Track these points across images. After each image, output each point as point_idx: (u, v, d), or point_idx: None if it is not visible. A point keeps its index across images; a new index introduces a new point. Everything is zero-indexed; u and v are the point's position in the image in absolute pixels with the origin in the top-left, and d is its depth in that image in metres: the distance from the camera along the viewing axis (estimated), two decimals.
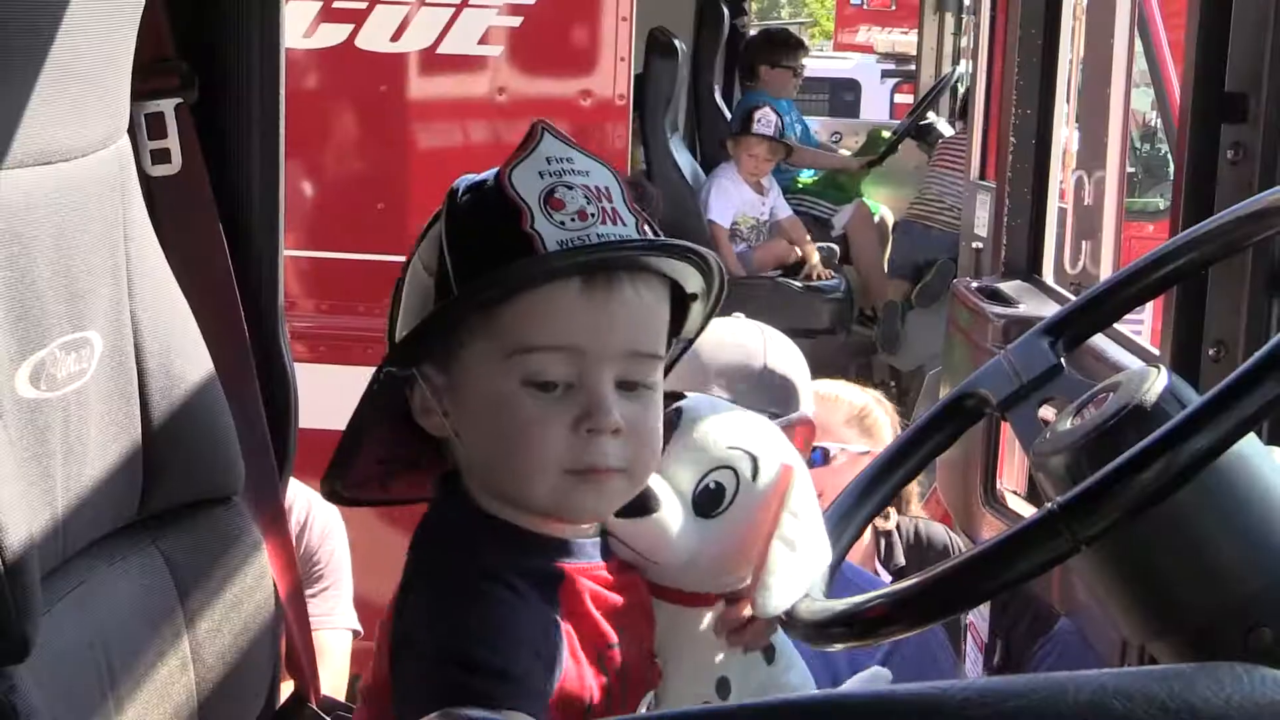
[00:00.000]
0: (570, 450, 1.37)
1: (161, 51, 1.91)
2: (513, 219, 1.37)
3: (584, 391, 1.38)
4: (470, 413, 1.40)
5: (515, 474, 1.39)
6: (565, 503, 1.39)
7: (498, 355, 1.38)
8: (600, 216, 1.39)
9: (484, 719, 0.75)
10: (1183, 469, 1.11)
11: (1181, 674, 0.76)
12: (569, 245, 1.36)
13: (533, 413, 1.37)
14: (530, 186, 1.39)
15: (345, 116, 5.13)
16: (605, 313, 1.38)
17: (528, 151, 1.41)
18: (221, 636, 1.77)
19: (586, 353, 1.37)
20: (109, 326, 1.62)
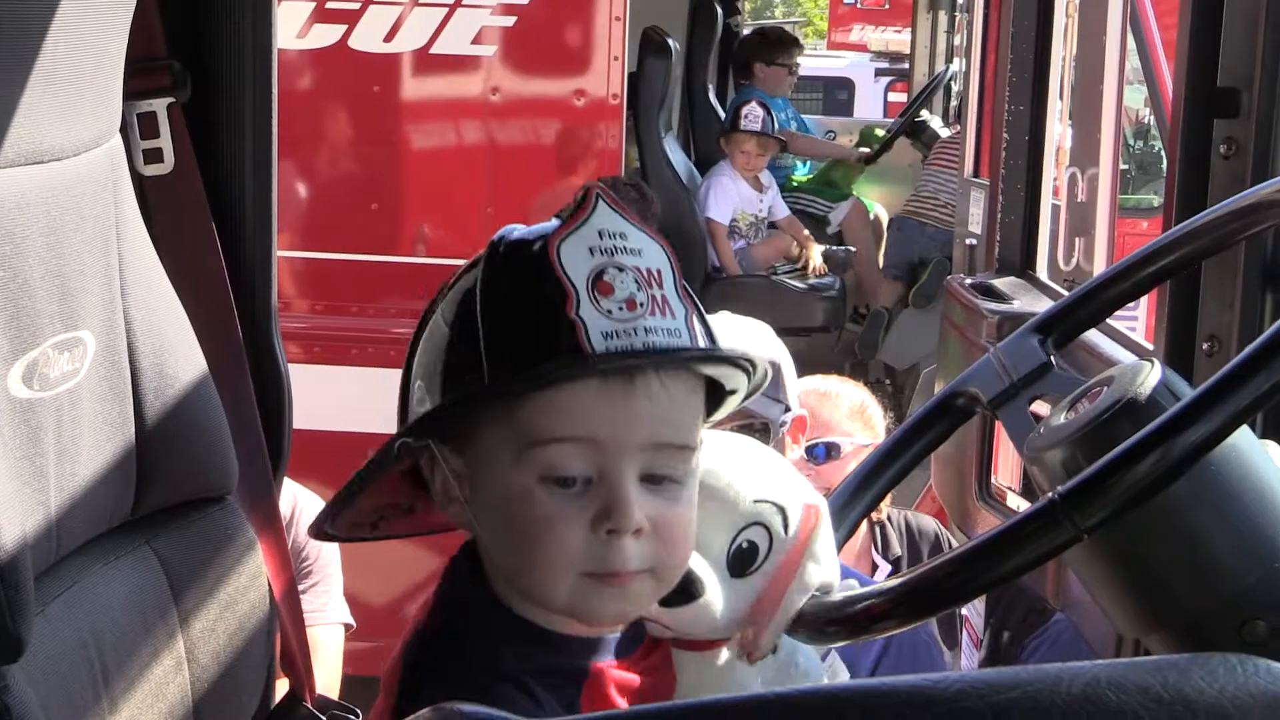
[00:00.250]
0: (589, 552, 1.28)
1: (153, 51, 1.90)
2: (557, 302, 1.26)
3: (604, 487, 1.28)
4: (486, 504, 1.32)
5: (533, 573, 1.30)
6: (586, 606, 1.30)
7: (513, 446, 1.29)
8: (649, 306, 1.29)
9: (477, 713, 0.75)
10: (1183, 456, 1.11)
11: (1175, 665, 0.76)
12: (613, 337, 1.26)
13: (549, 510, 1.28)
14: (579, 265, 1.28)
15: (338, 117, 5.13)
16: (625, 407, 1.28)
17: (579, 221, 1.30)
18: (216, 636, 1.77)
19: (606, 446, 1.28)
20: (102, 326, 1.61)
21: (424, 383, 1.34)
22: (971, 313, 2.91)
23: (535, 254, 1.29)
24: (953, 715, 0.71)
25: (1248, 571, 1.26)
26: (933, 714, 0.70)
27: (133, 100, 1.84)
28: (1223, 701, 0.74)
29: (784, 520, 1.45)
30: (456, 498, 1.33)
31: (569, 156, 5.15)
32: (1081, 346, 2.18)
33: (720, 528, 1.43)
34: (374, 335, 4.81)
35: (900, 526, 3.61)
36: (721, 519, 1.43)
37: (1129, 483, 1.12)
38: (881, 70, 14.59)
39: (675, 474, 1.31)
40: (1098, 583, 1.34)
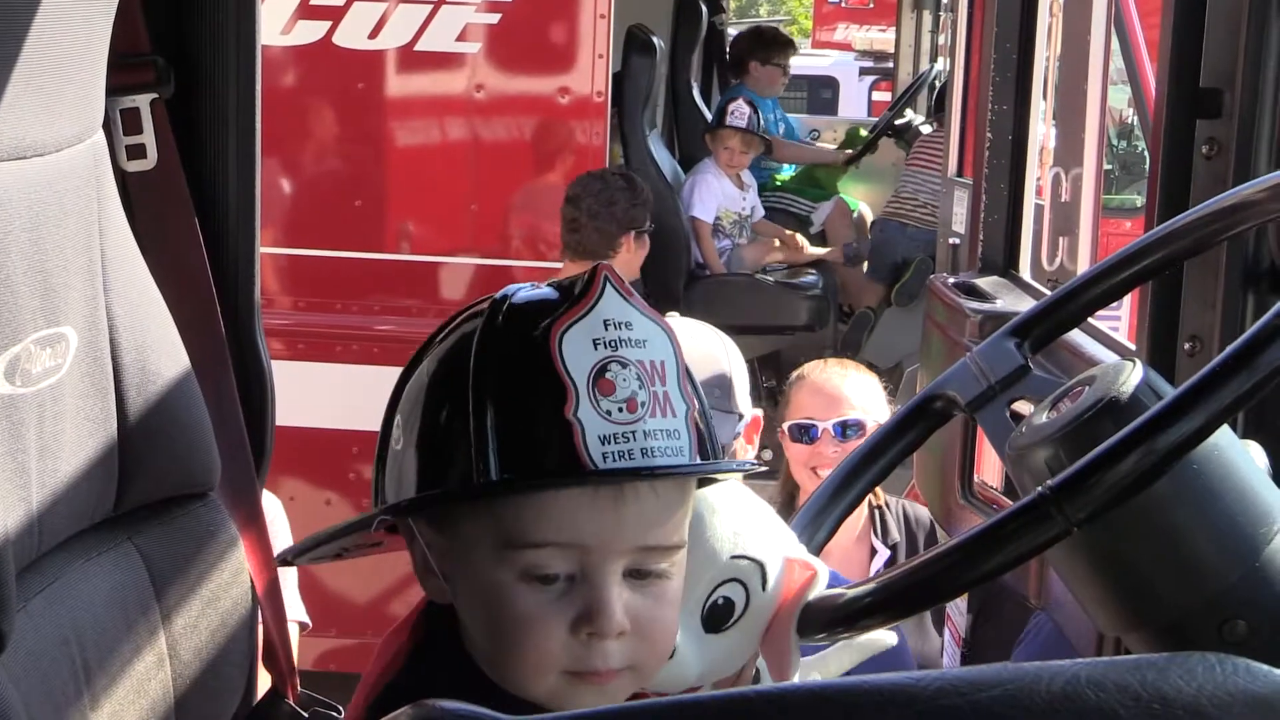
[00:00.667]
0: (569, 652, 1.25)
1: (137, 46, 1.90)
2: (556, 399, 1.22)
3: (587, 587, 1.25)
4: (466, 591, 1.29)
5: (510, 667, 1.28)
6: (564, 702, 1.27)
7: (493, 542, 1.26)
8: (650, 406, 1.25)
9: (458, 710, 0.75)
10: (1172, 449, 1.12)
11: (1154, 664, 0.76)
12: (610, 442, 1.22)
13: (530, 609, 1.25)
14: (581, 359, 1.24)
15: (323, 114, 5.13)
16: (614, 514, 1.25)
17: (585, 310, 1.25)
18: (198, 632, 1.77)
19: (591, 550, 1.25)
20: (84, 322, 1.61)
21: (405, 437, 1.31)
22: (954, 312, 2.91)
23: (536, 340, 1.24)
24: (933, 713, 0.72)
25: (1228, 571, 1.27)
26: (914, 711, 0.70)
27: (116, 96, 1.83)
28: (1200, 700, 0.74)
29: (763, 577, 1.44)
30: (434, 573, 1.31)
31: (553, 154, 5.15)
32: (1064, 346, 2.19)
33: (696, 582, 1.41)
34: (357, 332, 4.80)
35: (899, 514, 3.65)
36: (698, 573, 1.40)
37: (1120, 475, 1.12)
38: (866, 69, 14.61)
39: (660, 570, 1.28)
40: (1079, 581, 1.35)
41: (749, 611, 1.43)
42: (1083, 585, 1.35)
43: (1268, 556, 1.27)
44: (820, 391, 3.52)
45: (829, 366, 3.68)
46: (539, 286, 1.31)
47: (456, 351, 1.29)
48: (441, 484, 1.27)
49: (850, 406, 3.50)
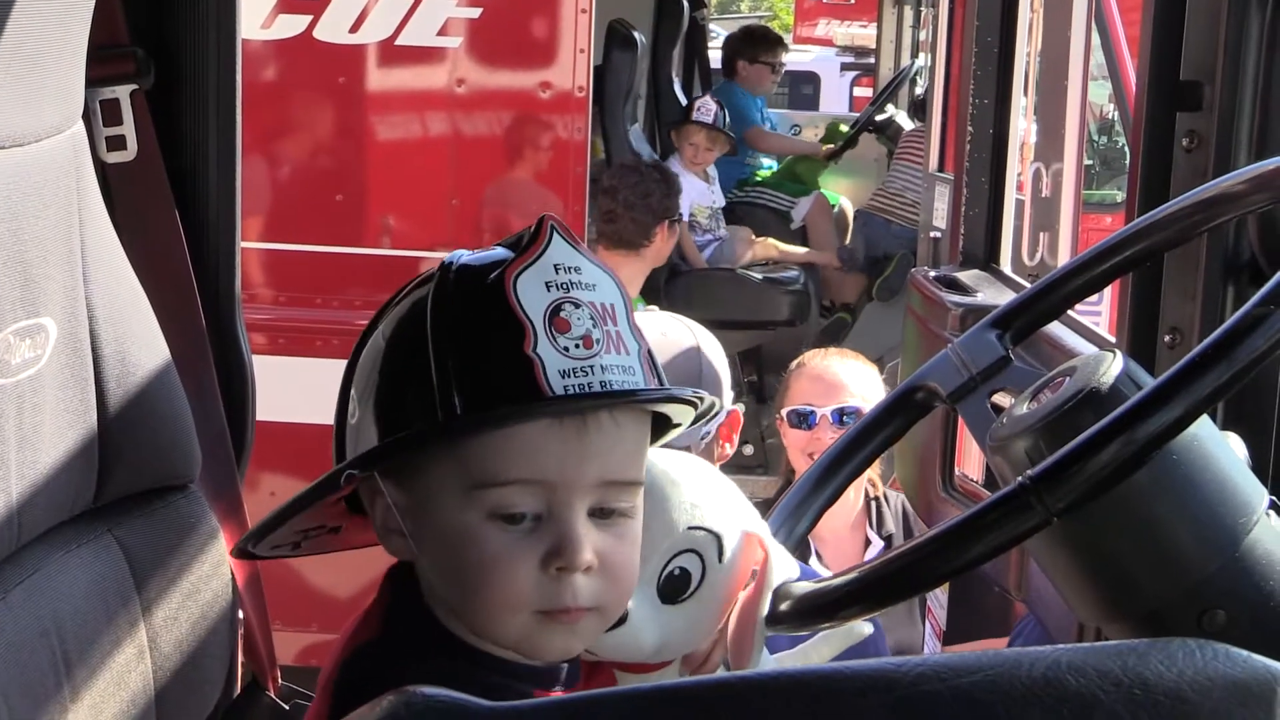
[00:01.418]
0: (539, 589, 1.27)
1: (116, 37, 1.90)
2: (515, 337, 1.25)
3: (554, 523, 1.27)
4: (432, 540, 1.30)
5: (480, 611, 1.29)
6: (533, 642, 1.29)
7: (460, 484, 1.27)
8: (605, 343, 1.28)
9: (439, 696, 0.75)
10: (1151, 439, 1.12)
11: (1135, 650, 0.77)
12: (569, 375, 1.25)
13: (499, 549, 1.26)
14: (535, 300, 1.27)
15: (303, 108, 5.11)
16: (578, 445, 1.27)
17: (534, 256, 1.28)
18: (178, 624, 1.77)
19: (556, 485, 1.27)
20: (64, 313, 1.61)
21: (361, 407, 1.32)
22: (935, 305, 2.92)
23: (490, 286, 1.27)
24: (913, 698, 0.72)
25: (1208, 561, 1.27)
26: (894, 697, 0.70)
27: (96, 87, 1.83)
28: (1181, 685, 0.74)
29: (719, 549, 1.44)
30: (397, 530, 1.31)
31: (534, 149, 5.14)
32: (1044, 338, 2.19)
33: (653, 552, 1.41)
34: (338, 327, 4.79)
35: (896, 508, 3.65)
36: (654, 543, 1.41)
37: (1100, 465, 1.12)
38: (847, 65, 14.62)
39: (623, 508, 1.30)
40: (1059, 572, 1.35)
41: (705, 583, 1.44)
42: (1063, 575, 1.35)
43: (1247, 547, 1.27)
44: (820, 378, 3.56)
45: (829, 355, 3.73)
46: (485, 248, 1.33)
47: (411, 313, 1.30)
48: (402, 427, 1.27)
49: (849, 394, 3.54)
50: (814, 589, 1.36)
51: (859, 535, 3.57)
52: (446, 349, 1.26)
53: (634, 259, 5.40)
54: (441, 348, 1.27)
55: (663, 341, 2.51)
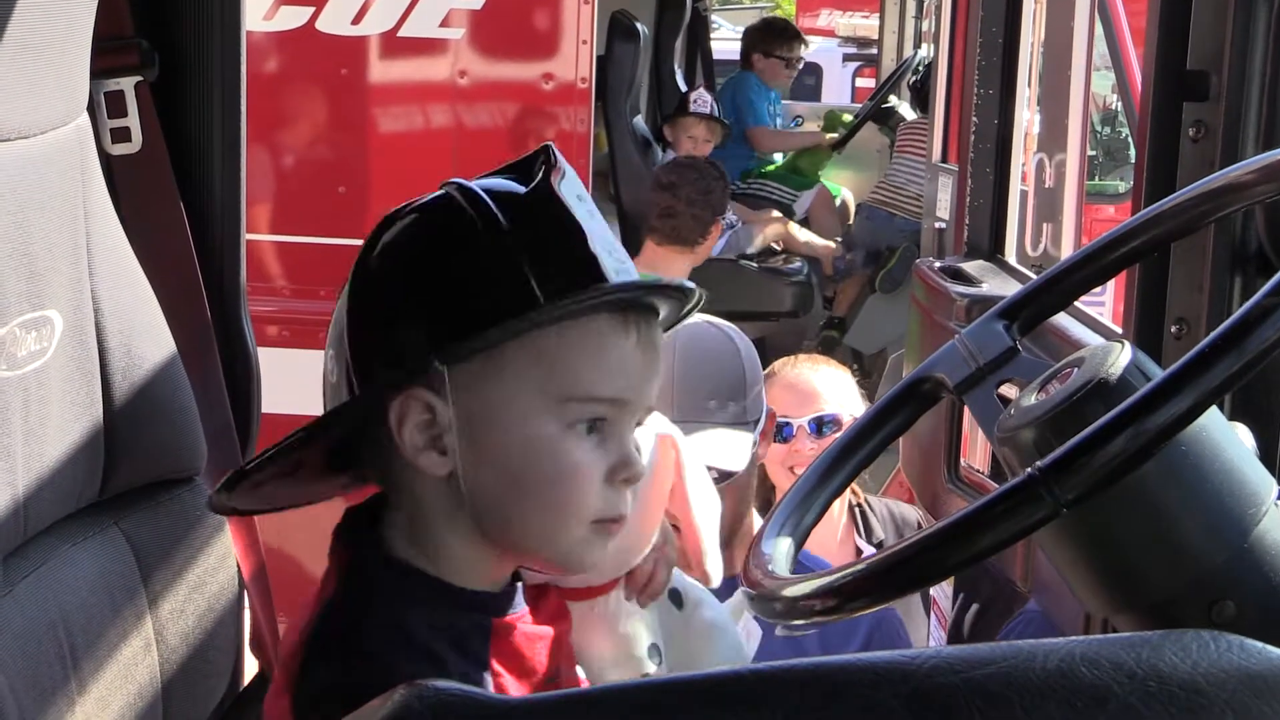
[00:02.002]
0: (603, 499, 1.33)
1: (121, 29, 1.89)
2: (578, 237, 1.31)
3: (616, 440, 1.34)
4: (492, 454, 1.32)
5: (543, 522, 1.33)
6: (579, 553, 1.35)
7: (547, 397, 1.30)
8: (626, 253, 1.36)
9: (450, 689, 0.75)
10: (1161, 430, 1.12)
11: (1149, 641, 0.76)
12: (620, 274, 1.32)
13: (579, 459, 1.32)
14: (578, 209, 1.33)
15: (306, 100, 5.10)
16: (651, 368, 1.35)
17: (561, 172, 1.34)
18: (185, 617, 1.76)
19: (629, 404, 1.34)
20: (69, 305, 1.60)
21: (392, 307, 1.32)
22: (940, 296, 2.91)
23: (539, 195, 1.32)
24: (927, 690, 0.72)
25: (1217, 552, 1.27)
26: (909, 689, 0.70)
27: (100, 79, 1.82)
28: (1196, 677, 0.74)
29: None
30: (436, 446, 1.32)
31: (537, 140, 5.11)
32: (1050, 329, 2.19)
33: None
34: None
35: (883, 514, 3.60)
36: None
37: (1110, 456, 1.12)
38: (849, 55, 14.60)
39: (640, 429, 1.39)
40: (1067, 563, 1.34)
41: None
42: (1071, 567, 1.35)
43: (1256, 537, 1.27)
44: (793, 388, 3.40)
45: (799, 363, 3.58)
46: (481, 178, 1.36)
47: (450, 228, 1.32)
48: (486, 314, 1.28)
49: (825, 401, 3.41)
50: (821, 582, 1.35)
51: (849, 548, 3.49)
52: (520, 243, 1.29)
53: (688, 255, 5.40)
54: (516, 243, 1.29)
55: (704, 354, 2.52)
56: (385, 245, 1.37)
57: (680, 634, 1.67)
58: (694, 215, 5.29)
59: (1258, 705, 0.73)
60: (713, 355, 2.55)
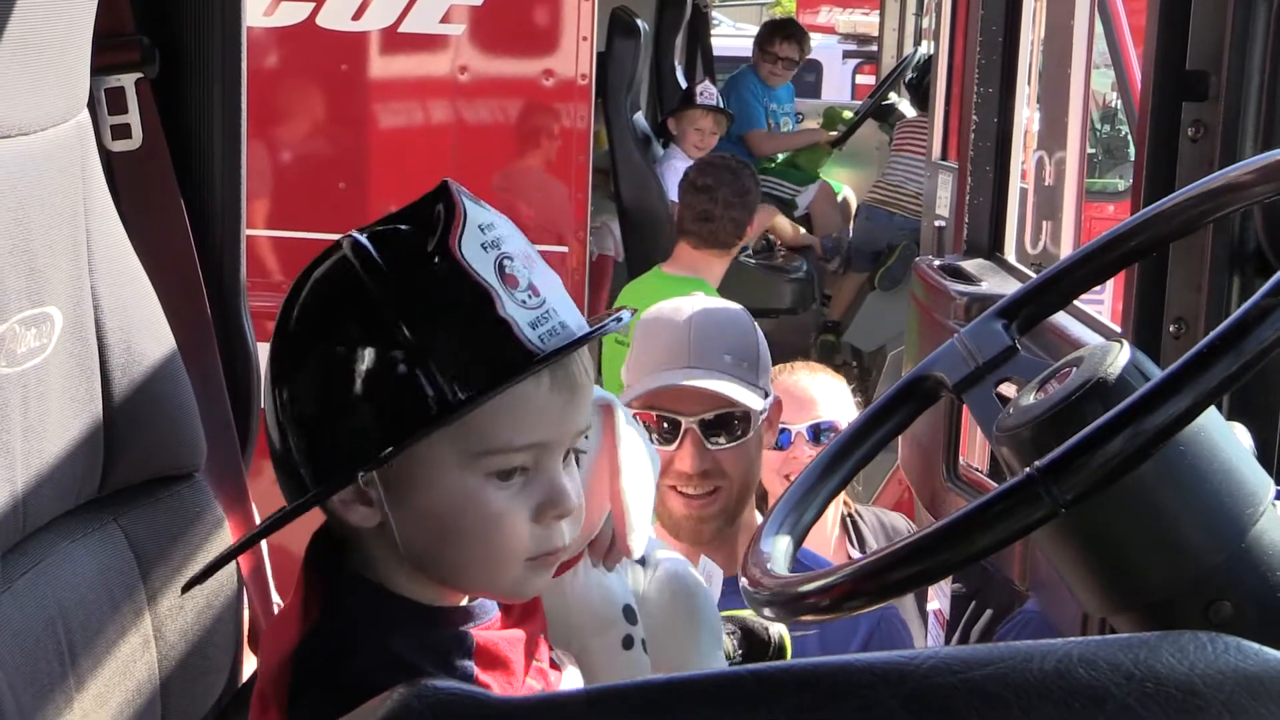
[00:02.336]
0: (533, 538, 1.34)
1: (121, 26, 1.89)
2: (485, 305, 1.28)
3: (541, 476, 1.34)
4: (416, 509, 1.33)
5: (474, 566, 1.35)
6: (521, 586, 1.37)
7: (462, 456, 1.31)
8: (545, 287, 1.32)
9: (450, 689, 0.75)
10: (1160, 430, 1.12)
11: (1146, 643, 0.76)
12: (538, 325, 1.29)
13: (500, 507, 1.32)
14: (482, 263, 1.29)
15: (306, 95, 5.10)
16: (572, 405, 1.34)
17: (460, 221, 1.29)
18: (184, 614, 1.77)
19: (551, 445, 1.34)
20: (69, 302, 1.60)
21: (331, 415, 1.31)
22: (940, 294, 2.91)
23: (438, 260, 1.28)
24: (925, 691, 0.72)
25: (1215, 552, 1.27)
26: (907, 689, 0.70)
27: (101, 75, 1.82)
28: (1193, 678, 0.74)
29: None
30: (364, 500, 1.33)
31: (537, 136, 5.13)
32: (1049, 328, 2.19)
33: None
34: None
35: (874, 523, 3.59)
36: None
37: (1109, 456, 1.12)
38: (849, 52, 14.58)
39: (581, 446, 1.39)
40: (1066, 563, 1.34)
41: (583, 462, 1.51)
42: (1069, 566, 1.35)
43: (1253, 538, 1.27)
44: (791, 395, 3.37)
45: (797, 370, 3.58)
46: (372, 227, 1.34)
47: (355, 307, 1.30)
48: (407, 424, 1.28)
49: (822, 408, 3.40)
50: (819, 581, 1.35)
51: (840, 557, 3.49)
52: (423, 332, 1.27)
53: (724, 256, 5.38)
54: (420, 334, 1.27)
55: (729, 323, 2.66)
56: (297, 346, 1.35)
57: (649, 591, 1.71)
58: (732, 219, 5.26)
59: (1254, 707, 0.74)
60: (730, 320, 2.68)
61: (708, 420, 2.56)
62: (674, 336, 2.60)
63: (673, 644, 1.73)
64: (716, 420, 2.57)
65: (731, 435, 2.57)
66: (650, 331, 2.64)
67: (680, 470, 2.57)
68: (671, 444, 2.58)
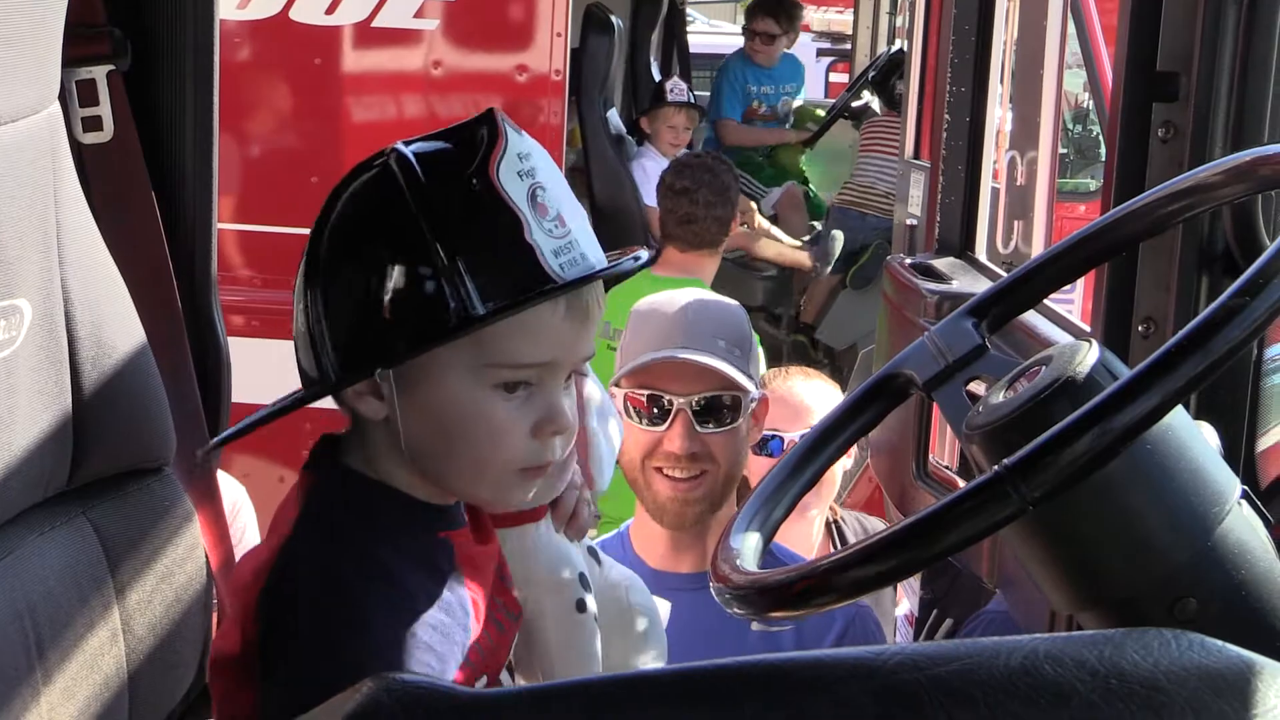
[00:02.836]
0: (528, 450, 1.43)
1: (93, 17, 1.89)
2: (514, 228, 1.37)
3: (543, 395, 1.43)
4: (423, 409, 1.42)
5: (470, 471, 1.44)
6: (503, 495, 1.46)
7: (473, 365, 1.40)
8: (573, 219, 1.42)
9: (419, 683, 0.75)
10: (1128, 429, 1.13)
11: (1111, 639, 0.77)
12: (561, 254, 1.38)
13: (504, 417, 1.41)
14: (517, 189, 1.38)
15: (279, 89, 5.09)
16: (583, 331, 1.43)
17: (501, 148, 1.39)
18: (152, 608, 1.76)
19: (557, 365, 1.43)
20: (39, 294, 1.60)
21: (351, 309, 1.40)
22: (911, 292, 2.92)
23: (476, 182, 1.37)
24: (894, 686, 0.72)
25: (1180, 550, 1.28)
26: (874, 684, 0.71)
27: (71, 67, 1.82)
28: (1157, 675, 0.75)
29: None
30: (376, 394, 1.42)
31: None
32: (1019, 327, 2.20)
33: None
34: None
35: (855, 528, 3.59)
36: None
37: (1077, 454, 1.13)
38: (823, 50, 14.59)
39: (583, 370, 1.51)
40: (1034, 560, 1.35)
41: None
42: (1037, 563, 1.36)
43: (1219, 536, 1.28)
44: (784, 401, 3.33)
45: (791, 375, 3.57)
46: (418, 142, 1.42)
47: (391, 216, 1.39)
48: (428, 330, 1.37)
49: (816, 416, 3.37)
50: (786, 577, 1.36)
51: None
52: (454, 247, 1.36)
53: (714, 256, 5.36)
54: (450, 248, 1.36)
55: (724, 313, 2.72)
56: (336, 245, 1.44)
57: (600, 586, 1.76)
58: (715, 218, 5.23)
59: (1217, 703, 0.74)
60: (723, 308, 2.75)
61: (699, 402, 2.59)
62: (668, 319, 2.65)
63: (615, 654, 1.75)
64: (707, 404, 2.60)
65: (721, 421, 2.61)
66: (643, 318, 2.70)
67: (669, 451, 2.60)
68: (661, 425, 2.60)
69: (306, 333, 1.45)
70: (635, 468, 2.64)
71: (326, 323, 1.43)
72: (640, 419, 2.60)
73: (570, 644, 1.66)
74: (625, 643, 1.78)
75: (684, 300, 2.71)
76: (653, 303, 2.73)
